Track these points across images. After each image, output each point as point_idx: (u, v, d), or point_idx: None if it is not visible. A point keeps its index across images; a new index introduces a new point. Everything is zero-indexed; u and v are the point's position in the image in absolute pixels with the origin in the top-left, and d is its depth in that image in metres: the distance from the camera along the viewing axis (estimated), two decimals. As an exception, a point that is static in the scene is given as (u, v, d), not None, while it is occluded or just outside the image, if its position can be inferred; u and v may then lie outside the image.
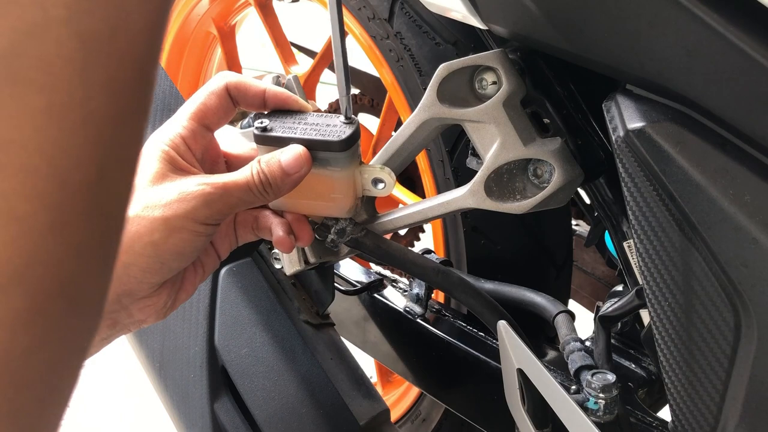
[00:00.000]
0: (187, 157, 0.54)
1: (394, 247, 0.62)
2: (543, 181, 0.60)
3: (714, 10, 0.43)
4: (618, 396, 0.61)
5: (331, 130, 0.54)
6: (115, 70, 0.22)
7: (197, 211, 0.51)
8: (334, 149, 0.54)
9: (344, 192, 0.57)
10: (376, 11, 0.91)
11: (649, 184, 0.49)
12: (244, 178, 0.52)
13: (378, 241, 0.62)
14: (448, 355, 0.85)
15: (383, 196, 0.60)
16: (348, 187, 0.57)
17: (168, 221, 0.50)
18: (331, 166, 0.55)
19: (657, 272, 0.51)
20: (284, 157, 0.53)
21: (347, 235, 0.61)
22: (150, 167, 0.52)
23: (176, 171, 0.52)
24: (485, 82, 0.61)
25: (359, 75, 1.53)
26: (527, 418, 0.65)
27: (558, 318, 0.72)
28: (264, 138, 0.54)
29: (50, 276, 0.22)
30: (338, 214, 0.59)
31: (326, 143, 0.54)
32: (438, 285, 0.63)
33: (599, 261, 1.16)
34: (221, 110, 0.56)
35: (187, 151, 0.54)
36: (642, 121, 0.49)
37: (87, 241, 0.23)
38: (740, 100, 0.45)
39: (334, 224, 0.60)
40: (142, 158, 0.53)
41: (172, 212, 0.50)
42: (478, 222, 0.89)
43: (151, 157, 0.52)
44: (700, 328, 0.51)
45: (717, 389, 0.52)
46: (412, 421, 1.15)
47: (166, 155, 0.53)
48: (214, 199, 0.51)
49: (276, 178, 0.53)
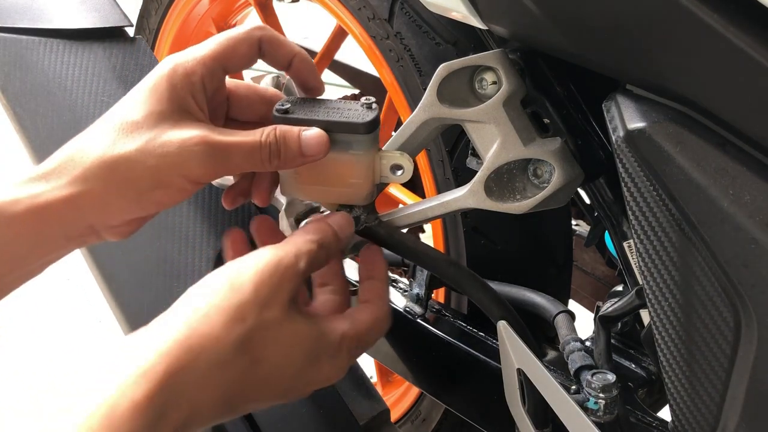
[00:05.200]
0: (199, 98, 0.52)
1: (407, 237, 0.62)
2: (543, 181, 0.60)
3: (714, 10, 0.43)
4: (618, 396, 0.61)
5: (354, 113, 0.54)
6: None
7: (191, 170, 0.50)
8: (359, 131, 0.54)
9: (363, 177, 0.56)
10: (376, 11, 0.91)
11: (649, 184, 0.49)
12: (251, 141, 0.51)
13: (391, 231, 0.61)
14: (448, 355, 0.85)
15: (401, 182, 0.59)
16: (367, 172, 0.56)
17: (159, 173, 0.49)
18: (353, 150, 0.54)
19: (657, 272, 0.51)
20: (306, 133, 0.52)
21: (362, 224, 0.59)
22: (160, 99, 0.51)
23: (183, 115, 0.51)
24: (485, 82, 0.61)
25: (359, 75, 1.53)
26: (527, 418, 0.65)
27: (558, 318, 0.72)
28: (285, 120, 0.54)
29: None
30: (355, 201, 0.58)
31: (351, 125, 0.53)
32: (449, 277, 0.63)
33: (599, 261, 1.16)
34: (246, 59, 0.55)
35: (201, 91, 0.52)
36: (642, 121, 0.49)
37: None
38: (740, 100, 0.45)
39: (349, 212, 0.59)
40: (157, 79, 0.51)
41: (166, 165, 0.49)
42: (478, 222, 0.89)
43: (164, 89, 0.51)
44: (700, 328, 0.51)
45: (717, 389, 0.52)
46: (412, 421, 1.15)
47: (180, 93, 0.51)
48: (214, 159, 0.50)
49: (289, 150, 0.52)
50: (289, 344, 0.47)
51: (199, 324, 0.44)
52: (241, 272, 0.46)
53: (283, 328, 0.46)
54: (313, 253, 0.50)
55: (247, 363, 0.45)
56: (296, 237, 0.51)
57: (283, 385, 0.48)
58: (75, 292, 2.09)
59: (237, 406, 0.46)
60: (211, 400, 0.44)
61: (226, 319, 0.44)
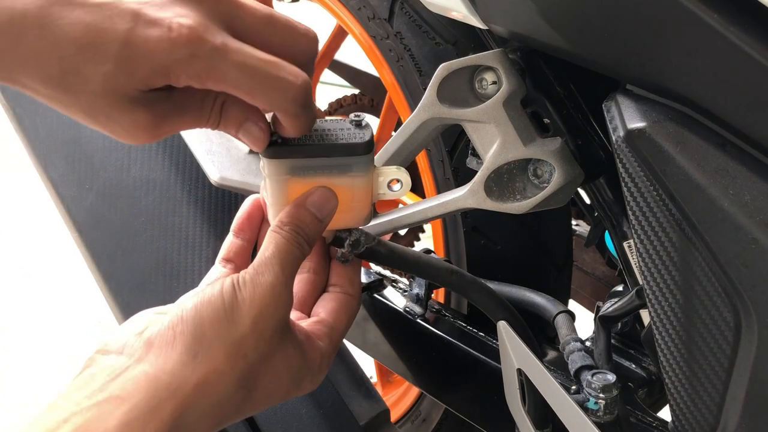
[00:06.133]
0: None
1: (408, 252, 0.61)
2: (543, 181, 0.60)
3: (714, 10, 0.43)
4: (618, 396, 0.61)
5: (348, 134, 0.50)
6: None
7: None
8: (359, 152, 0.50)
9: (363, 199, 0.53)
10: (376, 11, 0.91)
11: (649, 184, 0.49)
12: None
13: (391, 248, 0.59)
14: (448, 355, 0.85)
15: (399, 197, 0.58)
16: (367, 192, 0.53)
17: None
18: (353, 172, 0.51)
19: (657, 272, 0.51)
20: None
21: (362, 246, 0.56)
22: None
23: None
24: (485, 82, 0.61)
25: (359, 75, 1.53)
26: (527, 418, 0.65)
27: (558, 318, 0.72)
28: (275, 152, 0.48)
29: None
30: (355, 224, 0.55)
31: (351, 147, 0.49)
32: (452, 285, 0.63)
33: (599, 261, 1.16)
34: None
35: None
36: (642, 121, 0.49)
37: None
38: (740, 100, 0.45)
39: (348, 236, 0.55)
40: None
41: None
42: (478, 222, 0.89)
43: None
44: (700, 328, 0.51)
45: (717, 389, 0.51)
46: (412, 421, 1.15)
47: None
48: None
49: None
50: (279, 374, 0.48)
51: (204, 358, 0.44)
52: (241, 304, 0.46)
53: (275, 358, 0.47)
54: (297, 256, 0.49)
55: (243, 395, 0.46)
56: (281, 246, 0.49)
57: (267, 405, 0.49)
58: (75, 292, 2.09)
59: (220, 425, 0.47)
60: (205, 430, 0.45)
61: (228, 353, 0.45)
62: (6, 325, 2.02)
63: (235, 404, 0.46)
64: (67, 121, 1.06)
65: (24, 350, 1.93)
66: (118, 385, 0.42)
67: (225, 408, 0.45)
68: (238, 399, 0.46)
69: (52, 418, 0.41)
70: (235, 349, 0.45)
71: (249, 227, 0.56)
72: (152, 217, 1.00)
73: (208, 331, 0.45)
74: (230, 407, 0.46)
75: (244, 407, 0.47)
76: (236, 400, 0.46)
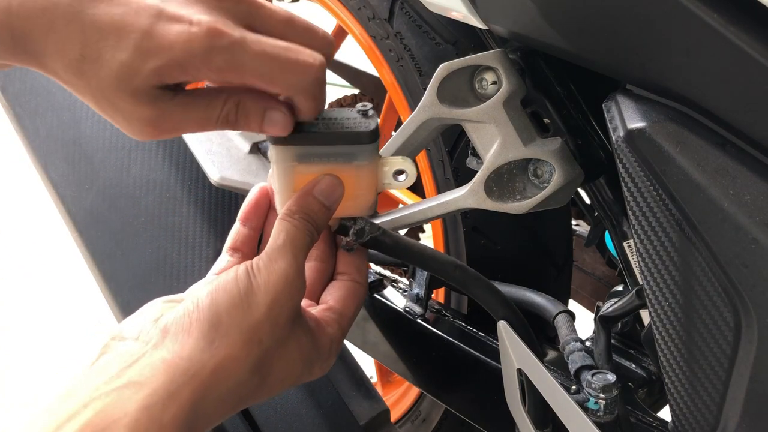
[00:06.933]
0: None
1: (412, 243, 0.61)
2: (543, 181, 0.60)
3: (714, 10, 0.43)
4: (618, 396, 0.61)
5: (354, 122, 0.51)
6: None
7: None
8: (364, 141, 0.51)
9: (367, 188, 0.54)
10: (376, 11, 0.91)
11: (649, 184, 0.49)
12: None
13: (396, 239, 0.59)
14: (448, 355, 0.85)
15: (405, 187, 0.58)
16: (371, 181, 0.54)
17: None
18: (358, 161, 0.52)
19: (657, 272, 0.51)
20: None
21: (366, 235, 0.56)
22: None
23: None
24: (485, 82, 0.61)
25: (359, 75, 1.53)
26: (527, 418, 0.65)
27: (558, 318, 0.72)
28: (282, 138, 0.50)
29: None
30: (359, 212, 0.56)
31: (355, 135, 0.50)
32: (455, 280, 0.63)
33: (599, 261, 1.16)
34: None
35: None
36: (642, 121, 0.49)
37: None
38: (740, 100, 0.45)
39: (353, 224, 0.56)
40: None
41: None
42: (478, 222, 0.89)
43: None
44: (700, 328, 0.51)
45: (717, 389, 0.52)
46: (412, 421, 1.15)
47: None
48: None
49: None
50: (292, 359, 0.49)
51: (221, 344, 0.45)
52: (256, 290, 0.47)
53: (289, 344, 0.48)
54: (307, 243, 0.50)
55: (258, 380, 0.47)
56: (291, 234, 0.50)
57: (280, 389, 0.50)
58: (75, 292, 2.09)
59: (236, 410, 0.48)
60: (221, 414, 0.46)
61: (244, 339, 0.46)
62: (6, 325, 2.02)
63: (250, 389, 0.47)
64: (67, 121, 1.06)
65: (24, 350, 1.93)
66: (136, 371, 0.43)
67: (241, 392, 0.46)
68: (253, 384, 0.47)
69: (72, 403, 0.41)
70: (250, 335, 0.46)
71: (256, 215, 0.57)
72: (152, 217, 1.00)
73: (224, 317, 0.45)
74: (245, 392, 0.46)
75: (258, 392, 0.48)
76: (251, 385, 0.47)
